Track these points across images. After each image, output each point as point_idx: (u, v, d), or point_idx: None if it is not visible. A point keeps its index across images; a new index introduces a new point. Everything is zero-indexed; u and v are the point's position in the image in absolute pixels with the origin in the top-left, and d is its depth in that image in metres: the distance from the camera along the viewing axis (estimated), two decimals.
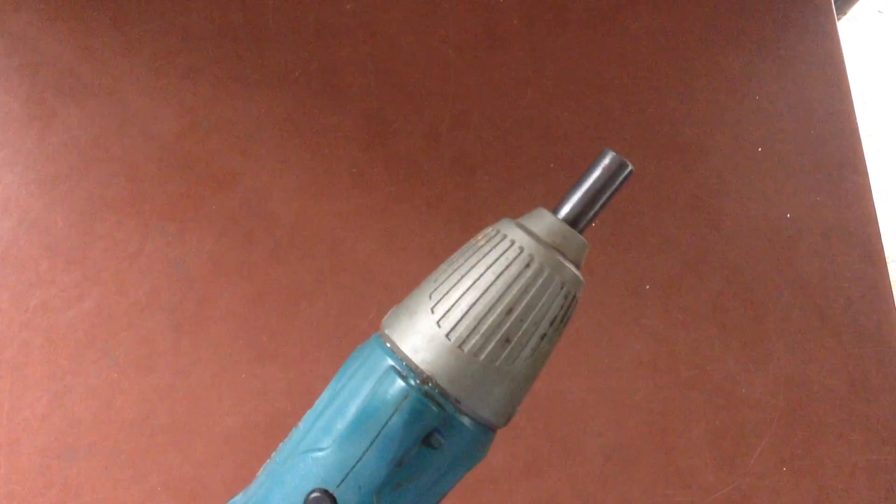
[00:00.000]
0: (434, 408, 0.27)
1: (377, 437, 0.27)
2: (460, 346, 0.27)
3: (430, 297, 0.28)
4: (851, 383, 0.63)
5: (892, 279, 0.67)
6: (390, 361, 0.28)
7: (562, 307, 0.28)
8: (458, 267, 0.29)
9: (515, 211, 0.63)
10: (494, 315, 0.27)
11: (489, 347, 0.27)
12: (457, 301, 0.28)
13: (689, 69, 0.71)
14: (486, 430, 0.29)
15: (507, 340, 0.28)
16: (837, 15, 0.76)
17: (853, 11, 1.30)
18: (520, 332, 0.28)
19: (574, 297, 0.29)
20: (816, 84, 0.71)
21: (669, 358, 0.61)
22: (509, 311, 0.27)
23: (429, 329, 0.28)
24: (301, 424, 0.30)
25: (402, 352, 0.28)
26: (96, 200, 0.58)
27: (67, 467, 0.53)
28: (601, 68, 0.69)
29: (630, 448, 0.59)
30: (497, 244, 0.28)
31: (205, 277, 0.57)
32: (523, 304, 0.28)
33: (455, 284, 0.28)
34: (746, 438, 0.60)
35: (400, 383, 0.27)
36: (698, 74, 0.71)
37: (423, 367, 0.28)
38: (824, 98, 0.71)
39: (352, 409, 0.28)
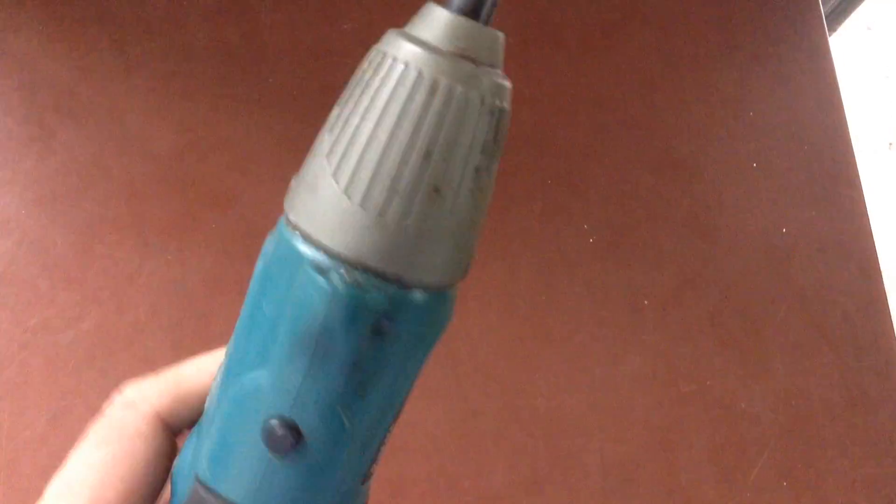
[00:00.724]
0: (372, 296, 0.23)
1: (315, 350, 0.23)
2: (381, 215, 0.22)
3: (329, 161, 0.23)
4: (850, 397, 0.63)
5: (888, 292, 0.68)
6: (306, 255, 0.23)
7: (490, 127, 0.23)
8: (350, 113, 0.23)
9: (514, 227, 0.64)
10: (410, 166, 0.22)
11: (416, 206, 0.22)
12: (360, 160, 0.22)
13: (683, 85, 0.71)
14: (443, 293, 0.25)
15: (436, 190, 0.22)
16: (827, 32, 0.77)
17: (842, 29, 1.32)
18: (448, 176, 0.22)
19: (501, 108, 0.23)
20: (809, 99, 0.72)
21: (668, 373, 0.61)
22: (427, 154, 0.22)
23: (338, 203, 0.22)
24: (232, 347, 0.26)
25: (315, 239, 0.23)
26: (95, 220, 0.58)
27: None
28: (596, 85, 0.70)
29: (630, 464, 0.59)
30: (388, 72, 0.22)
31: (204, 296, 0.58)
32: (441, 141, 0.22)
33: (352, 138, 0.22)
34: (747, 453, 0.60)
35: (323, 283, 0.23)
36: (692, 91, 0.71)
37: (344, 252, 0.23)
38: (817, 113, 0.72)
39: (280, 327, 0.24)
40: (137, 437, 0.28)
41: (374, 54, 0.23)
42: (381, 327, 0.23)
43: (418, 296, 0.24)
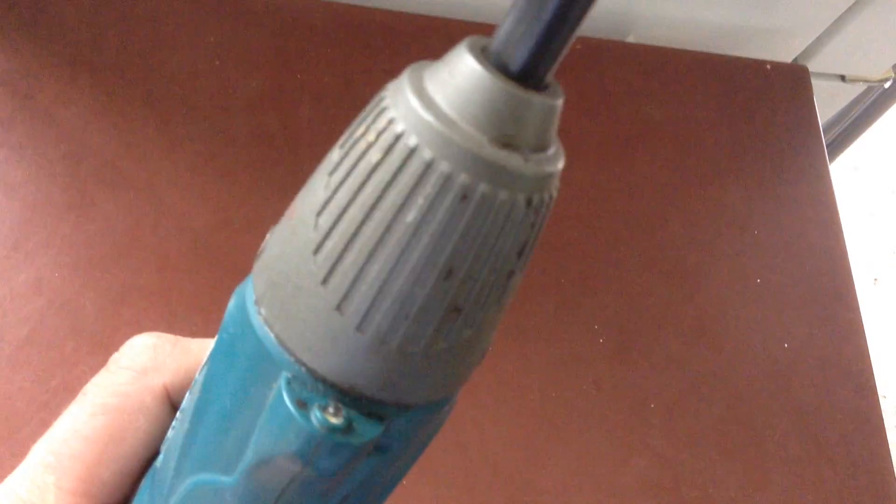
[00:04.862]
0: (363, 431, 0.18)
1: (292, 478, 0.19)
2: (383, 342, 0.17)
3: (317, 263, 0.17)
4: None
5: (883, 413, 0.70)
6: (282, 372, 0.19)
7: (535, 226, 0.18)
8: (350, 202, 0.17)
9: (527, 323, 0.65)
10: (428, 288, 0.17)
11: (429, 330, 0.17)
12: (359, 273, 0.17)
13: (693, 201, 0.75)
14: (447, 401, 0.21)
15: (456, 309, 0.17)
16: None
17: (831, 167, 1.38)
18: (472, 293, 0.17)
19: (550, 201, 0.18)
20: (811, 223, 0.76)
21: (672, 478, 0.62)
22: (448, 273, 0.17)
23: (327, 319, 0.18)
24: (193, 425, 0.22)
25: (293, 353, 0.19)
26: (126, 287, 0.59)
27: None
28: (612, 195, 0.73)
29: None
30: (403, 165, 0.16)
31: None
32: (468, 257, 0.17)
33: (351, 241, 0.17)
34: None
35: (302, 422, 0.18)
36: (701, 207, 0.75)
37: (331, 377, 0.18)
38: (818, 237, 0.75)
39: (248, 445, 0.19)
40: (141, 413, 0.25)
41: (384, 123, 0.17)
42: (370, 451, 0.19)
43: (418, 414, 0.20)
